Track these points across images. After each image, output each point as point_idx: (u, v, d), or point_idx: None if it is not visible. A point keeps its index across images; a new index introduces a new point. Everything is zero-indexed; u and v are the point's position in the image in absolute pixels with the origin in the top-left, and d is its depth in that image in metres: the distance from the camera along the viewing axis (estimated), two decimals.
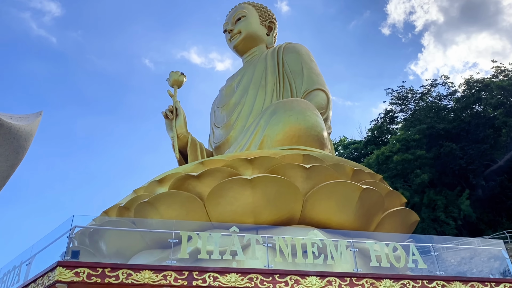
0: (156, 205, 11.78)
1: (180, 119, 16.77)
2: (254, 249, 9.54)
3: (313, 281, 8.64)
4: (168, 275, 8.18)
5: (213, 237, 9.59)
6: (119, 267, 8.17)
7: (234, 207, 11.59)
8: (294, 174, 12.02)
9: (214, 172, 11.99)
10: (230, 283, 8.32)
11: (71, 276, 7.83)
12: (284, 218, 11.81)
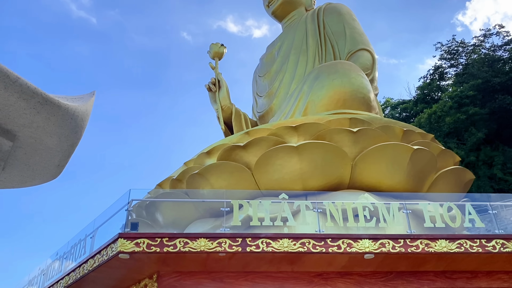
0: (206, 176, 12.08)
1: (223, 91, 16.88)
2: (304, 215, 9.61)
3: (366, 244, 8.61)
4: (223, 242, 8.43)
5: (263, 204, 9.73)
6: (176, 237, 8.51)
7: (282, 175, 11.66)
8: (341, 139, 11.85)
9: (260, 141, 12.05)
10: (283, 248, 8.47)
11: (132, 246, 8.25)
12: (333, 184, 11.75)
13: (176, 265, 8.90)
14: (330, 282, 9.20)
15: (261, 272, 9.21)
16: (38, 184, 2.86)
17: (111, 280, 9.57)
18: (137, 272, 9.17)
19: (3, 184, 2.77)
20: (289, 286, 9.15)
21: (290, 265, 9.01)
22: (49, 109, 2.27)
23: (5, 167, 2.61)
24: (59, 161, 2.62)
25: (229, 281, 9.09)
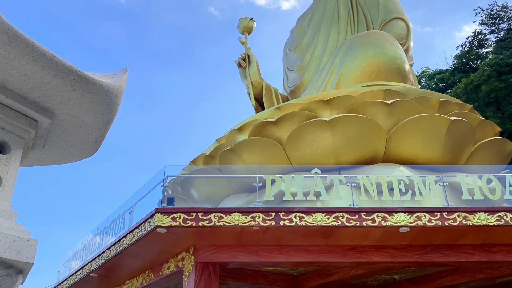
0: (238, 152, 12.16)
1: (253, 66, 16.76)
2: (337, 189, 9.56)
3: (401, 217, 8.50)
4: (256, 216, 8.52)
5: (295, 179, 9.73)
6: (211, 211, 8.66)
7: (314, 150, 11.59)
8: (375, 111, 11.60)
9: (291, 116, 11.97)
10: (316, 222, 8.48)
11: (169, 221, 8.47)
12: (367, 157, 11.58)
13: (211, 238, 9.09)
14: (364, 255, 9.18)
15: (295, 246, 9.29)
16: (77, 161, 2.95)
17: (150, 253, 9.91)
18: (174, 245, 9.44)
19: (44, 161, 2.87)
20: (323, 258, 9.20)
21: (324, 238, 9.03)
22: (84, 86, 2.31)
23: (45, 144, 2.69)
24: (96, 138, 2.68)
25: (264, 254, 9.23)
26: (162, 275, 10.29)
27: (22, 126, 2.38)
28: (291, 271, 11.55)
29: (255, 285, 11.45)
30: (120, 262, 10.66)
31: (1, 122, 2.31)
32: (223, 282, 10.69)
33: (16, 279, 2.17)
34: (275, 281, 11.51)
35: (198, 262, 9.20)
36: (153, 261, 10.46)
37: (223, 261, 9.29)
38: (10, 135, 2.36)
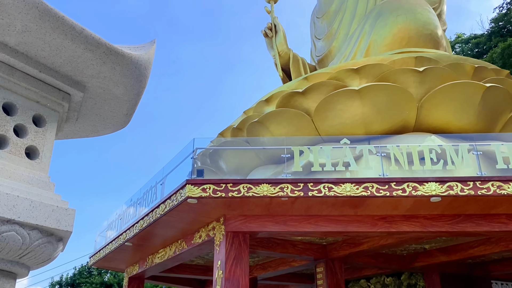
0: (265, 124, 12.15)
1: (279, 36, 16.49)
2: (367, 159, 9.46)
3: (432, 187, 8.37)
4: (285, 187, 8.57)
5: (324, 150, 9.67)
6: (240, 182, 8.77)
7: (343, 120, 11.44)
8: (406, 79, 11.28)
9: (319, 86, 11.80)
10: (345, 192, 8.46)
11: (199, 192, 8.64)
12: (397, 127, 11.36)
13: (241, 209, 9.24)
14: (394, 225, 9.14)
15: (324, 216, 9.34)
16: (109, 133, 3.01)
17: (182, 223, 10.18)
18: (205, 215, 9.66)
19: (78, 134, 2.94)
20: (353, 228, 9.23)
21: (353, 208, 9.03)
22: (114, 59, 2.34)
23: (79, 117, 2.76)
24: (127, 110, 2.72)
25: (292, 224, 9.33)
26: (194, 244, 10.59)
27: (56, 100, 2.44)
28: (320, 240, 11.65)
29: (284, 254, 11.65)
30: (153, 232, 11.02)
31: (36, 96, 2.37)
32: (253, 251, 10.92)
33: (56, 246, 2.27)
34: (304, 250, 11.67)
35: (228, 231, 9.40)
36: (185, 230, 10.76)
37: (253, 230, 9.45)
38: (45, 109, 2.42)
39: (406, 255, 13.26)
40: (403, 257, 13.27)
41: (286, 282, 16.64)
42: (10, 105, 2.29)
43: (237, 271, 9.18)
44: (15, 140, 2.25)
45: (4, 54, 2.18)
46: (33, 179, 2.22)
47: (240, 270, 9.21)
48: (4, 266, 2.10)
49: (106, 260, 14.58)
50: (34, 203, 2.06)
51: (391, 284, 15.19)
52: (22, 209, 2.01)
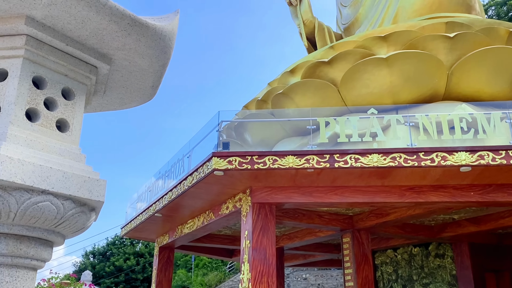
0: (290, 95, 12.04)
1: (304, 4, 16.10)
2: (395, 129, 9.29)
3: (462, 156, 8.17)
4: (311, 159, 8.55)
5: (350, 121, 9.54)
6: (265, 154, 8.79)
7: (370, 89, 11.21)
8: (435, 46, 10.90)
9: (345, 55, 11.54)
10: (372, 163, 8.38)
11: (225, 164, 8.72)
12: (426, 96, 11.06)
13: (267, 180, 9.30)
14: (422, 195, 9.04)
15: (350, 187, 9.30)
16: (136, 106, 3.04)
17: (209, 194, 10.35)
18: (231, 187, 9.78)
19: (106, 107, 2.98)
20: (380, 199, 9.18)
21: (380, 179, 8.95)
22: (138, 30, 2.33)
23: (106, 90, 2.79)
24: (153, 82, 2.73)
25: (318, 195, 9.35)
26: (221, 214, 10.79)
27: (83, 73, 2.47)
28: (346, 211, 11.67)
29: (310, 225, 11.74)
30: (181, 203, 11.26)
31: (64, 69, 2.40)
32: (279, 221, 11.05)
33: (89, 216, 2.34)
34: (330, 221, 11.72)
35: (254, 202, 9.51)
36: (212, 202, 10.95)
37: (279, 202, 9.53)
38: (73, 82, 2.45)
39: (434, 225, 13.16)
40: (431, 227, 13.17)
41: (312, 252, 16.84)
42: (40, 78, 2.33)
43: (264, 241, 9.33)
44: (46, 113, 2.29)
45: (32, 28, 2.21)
46: (65, 151, 2.28)
47: (267, 240, 9.35)
48: (41, 234, 2.19)
49: (137, 231, 15.06)
50: (66, 174, 2.12)
51: (419, 254, 15.16)
52: (55, 180, 2.07)
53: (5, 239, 2.13)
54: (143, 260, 33.56)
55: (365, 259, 11.90)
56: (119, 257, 33.29)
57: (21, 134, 2.17)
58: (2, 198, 1.98)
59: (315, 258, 18.46)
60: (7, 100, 2.20)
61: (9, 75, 2.26)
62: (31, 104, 2.26)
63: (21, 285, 2.20)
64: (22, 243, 2.17)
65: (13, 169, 1.98)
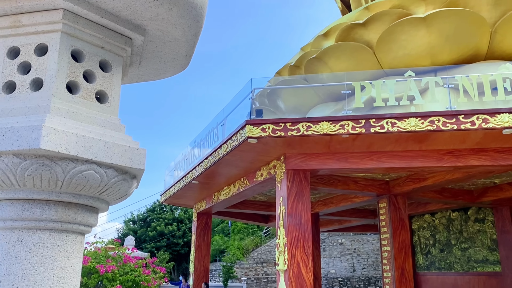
0: (324, 59, 11.80)
1: None
2: (433, 92, 8.99)
3: (504, 118, 7.85)
4: (345, 124, 8.45)
5: (387, 84, 9.30)
6: (299, 121, 8.75)
7: (408, 51, 10.82)
8: (477, 2, 10.31)
9: (382, 16, 11.11)
10: (409, 127, 8.19)
11: (258, 132, 8.76)
12: (467, 56, 10.58)
13: (300, 147, 9.30)
14: (462, 159, 8.81)
15: (386, 152, 9.17)
16: (170, 76, 3.08)
17: (244, 162, 10.49)
18: (265, 154, 9.85)
19: (142, 77, 3.04)
20: (417, 164, 9.02)
21: (418, 143, 8.76)
22: (170, 0, 2.33)
23: (141, 61, 2.83)
24: (186, 52, 2.75)
25: (354, 161, 9.28)
26: (256, 181, 10.94)
27: (119, 45, 2.51)
28: (383, 176, 11.55)
29: (346, 191, 11.73)
30: (217, 171, 11.48)
31: (100, 41, 2.45)
32: (314, 187, 11.09)
33: (131, 184, 2.44)
34: (366, 187, 11.67)
35: (288, 169, 9.57)
36: (247, 169, 11.09)
37: (313, 168, 9.54)
38: (110, 54, 2.50)
39: (474, 190, 12.85)
40: (471, 191, 12.87)
41: (348, 217, 16.90)
42: (78, 52, 2.40)
43: (299, 207, 9.43)
44: (85, 85, 2.37)
45: (68, 2, 2.25)
46: (105, 122, 2.36)
47: (302, 206, 9.45)
48: (87, 201, 2.30)
49: (175, 197, 15.54)
50: (108, 144, 2.20)
51: (457, 219, 14.93)
52: (98, 150, 2.16)
53: (54, 206, 2.26)
54: (183, 226, 34.75)
55: (402, 224, 11.85)
56: (159, 223, 34.61)
57: (63, 106, 2.26)
58: (49, 168, 2.09)
59: (350, 223, 18.54)
60: (49, 74, 2.28)
61: (49, 49, 2.33)
62: (71, 77, 2.34)
63: (71, 248, 2.34)
64: (70, 210, 2.30)
65: (58, 140, 2.07)
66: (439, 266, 15.40)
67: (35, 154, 2.08)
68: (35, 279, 2.21)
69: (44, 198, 2.22)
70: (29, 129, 2.05)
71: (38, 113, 2.17)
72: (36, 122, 2.07)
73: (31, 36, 2.39)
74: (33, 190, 2.19)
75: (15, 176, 2.11)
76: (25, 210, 2.24)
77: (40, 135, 2.01)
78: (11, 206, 2.26)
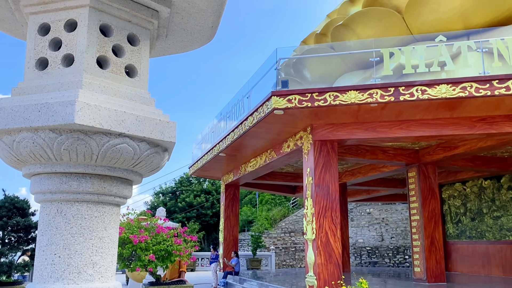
0: (351, 26, 11.49)
1: None
2: (466, 57, 8.66)
3: None
4: (374, 93, 8.28)
5: (416, 50, 9.00)
6: (326, 91, 8.63)
7: (439, 15, 10.38)
8: None
9: None
10: (440, 94, 7.96)
11: (284, 103, 8.70)
12: (502, 17, 10.07)
13: (328, 117, 9.20)
14: (495, 126, 8.54)
15: (416, 120, 8.98)
16: (197, 47, 3.07)
17: (270, 134, 10.49)
18: (291, 126, 9.81)
19: (169, 50, 3.04)
20: (448, 132, 8.81)
21: (449, 111, 8.53)
22: None
23: (168, 34, 2.82)
24: (212, 23, 2.72)
25: (383, 130, 9.14)
26: (283, 153, 10.95)
27: (145, 18, 2.51)
28: (412, 145, 11.36)
29: (374, 160, 11.61)
30: (244, 143, 11.53)
31: (127, 15, 2.45)
32: (341, 158, 11.03)
33: (163, 156, 2.48)
34: (395, 156, 11.51)
35: (315, 140, 9.52)
36: (274, 141, 11.10)
37: (340, 138, 9.46)
38: (137, 27, 2.51)
39: (507, 157, 12.50)
40: (504, 159, 12.53)
41: (376, 187, 16.80)
42: (106, 26, 2.41)
43: (326, 177, 9.42)
44: (115, 60, 2.39)
45: None
46: (135, 96, 2.39)
47: (329, 176, 9.43)
48: (121, 174, 2.36)
49: (203, 170, 15.78)
50: (139, 118, 2.23)
51: (489, 187, 14.62)
52: (130, 124, 2.20)
53: (90, 179, 2.33)
54: (211, 197, 35.42)
55: (432, 193, 11.70)
56: (188, 194, 35.33)
57: (95, 81, 2.29)
58: (84, 142, 2.15)
59: (379, 193, 18.44)
60: (79, 49, 2.31)
61: (78, 24, 2.35)
62: (100, 51, 2.36)
63: (108, 219, 2.43)
64: (105, 182, 2.37)
65: (91, 114, 2.12)
66: (470, 235, 15.23)
67: (70, 129, 2.13)
68: (75, 248, 2.31)
69: (80, 172, 2.29)
70: (63, 105, 2.10)
71: (71, 89, 2.22)
72: (69, 98, 2.12)
73: (60, 12, 2.41)
74: (70, 164, 2.27)
75: (52, 150, 2.17)
76: (63, 183, 2.32)
77: (74, 110, 2.06)
78: (49, 179, 2.35)
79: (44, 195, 2.39)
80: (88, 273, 2.33)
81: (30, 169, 2.37)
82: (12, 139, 2.20)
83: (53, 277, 2.28)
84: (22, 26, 2.75)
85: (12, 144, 2.21)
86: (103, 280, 2.37)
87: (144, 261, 7.22)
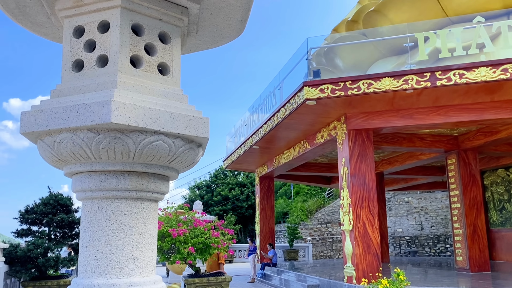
0: (384, 11, 11.19)
1: None
2: (506, 37, 8.27)
3: None
4: (409, 79, 8.05)
5: (453, 33, 8.68)
6: (359, 79, 8.47)
7: None
8: None
9: None
10: (479, 77, 7.65)
11: (317, 93, 8.60)
12: None
13: (362, 106, 9.04)
14: None
15: (454, 105, 8.68)
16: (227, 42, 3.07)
17: (303, 125, 10.41)
18: (325, 116, 9.70)
19: (199, 47, 3.05)
20: (489, 116, 8.46)
21: (489, 94, 8.19)
22: None
23: (198, 30, 2.84)
24: (241, 17, 2.71)
25: (419, 116, 8.89)
26: (316, 143, 10.85)
27: (175, 15, 2.53)
28: (451, 131, 11.00)
29: (411, 148, 11.33)
30: (277, 135, 11.51)
31: (158, 14, 2.48)
32: (377, 147, 10.82)
33: (198, 152, 2.51)
34: (433, 143, 11.19)
35: (350, 129, 9.37)
36: (307, 131, 11.01)
37: (376, 127, 9.27)
38: (168, 25, 2.53)
39: None
40: None
41: (414, 175, 16.40)
42: (138, 25, 2.44)
43: (362, 167, 9.28)
44: (148, 58, 2.42)
45: None
46: (169, 93, 2.42)
47: (365, 166, 9.28)
48: (158, 170, 2.41)
49: (237, 163, 15.88)
50: (173, 115, 2.26)
51: None
52: (165, 121, 2.23)
53: (128, 176, 2.38)
54: (245, 190, 35.69)
55: (473, 179, 11.30)
56: (223, 187, 35.75)
57: (129, 81, 2.34)
58: (121, 140, 2.20)
59: (417, 181, 17.99)
60: (113, 49, 2.36)
61: (111, 25, 2.40)
62: (133, 51, 2.40)
63: (147, 214, 2.48)
64: (143, 179, 2.42)
65: (127, 113, 2.16)
66: None
67: (107, 128, 2.19)
68: (116, 244, 2.38)
69: (118, 169, 2.35)
70: (99, 105, 2.15)
71: (106, 89, 2.27)
72: (105, 98, 2.17)
73: (93, 14, 2.47)
74: (108, 162, 2.33)
75: (91, 149, 2.24)
76: (102, 181, 2.39)
77: (110, 109, 2.11)
78: (89, 178, 2.42)
79: (85, 193, 2.47)
80: (129, 267, 2.39)
81: (71, 168, 2.44)
82: (53, 140, 2.28)
83: (97, 272, 2.36)
84: (58, 29, 2.83)
85: (53, 144, 2.29)
86: (144, 274, 2.43)
87: (183, 253, 7.37)
